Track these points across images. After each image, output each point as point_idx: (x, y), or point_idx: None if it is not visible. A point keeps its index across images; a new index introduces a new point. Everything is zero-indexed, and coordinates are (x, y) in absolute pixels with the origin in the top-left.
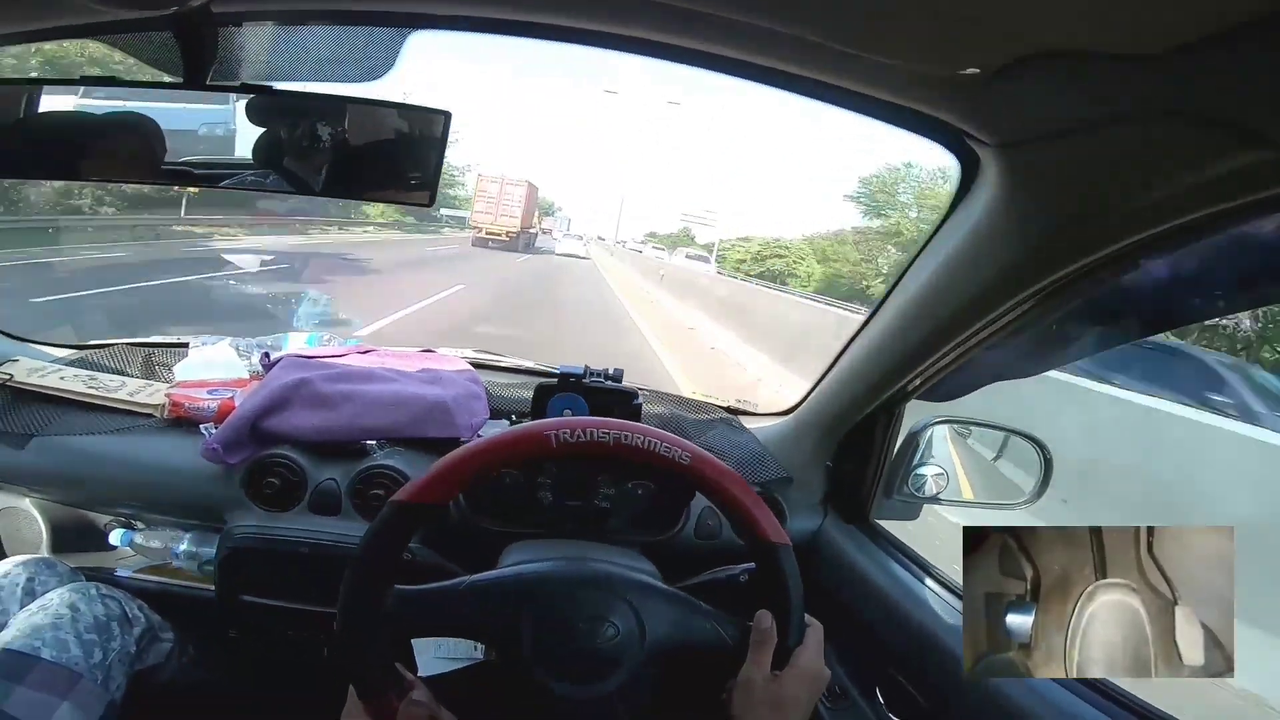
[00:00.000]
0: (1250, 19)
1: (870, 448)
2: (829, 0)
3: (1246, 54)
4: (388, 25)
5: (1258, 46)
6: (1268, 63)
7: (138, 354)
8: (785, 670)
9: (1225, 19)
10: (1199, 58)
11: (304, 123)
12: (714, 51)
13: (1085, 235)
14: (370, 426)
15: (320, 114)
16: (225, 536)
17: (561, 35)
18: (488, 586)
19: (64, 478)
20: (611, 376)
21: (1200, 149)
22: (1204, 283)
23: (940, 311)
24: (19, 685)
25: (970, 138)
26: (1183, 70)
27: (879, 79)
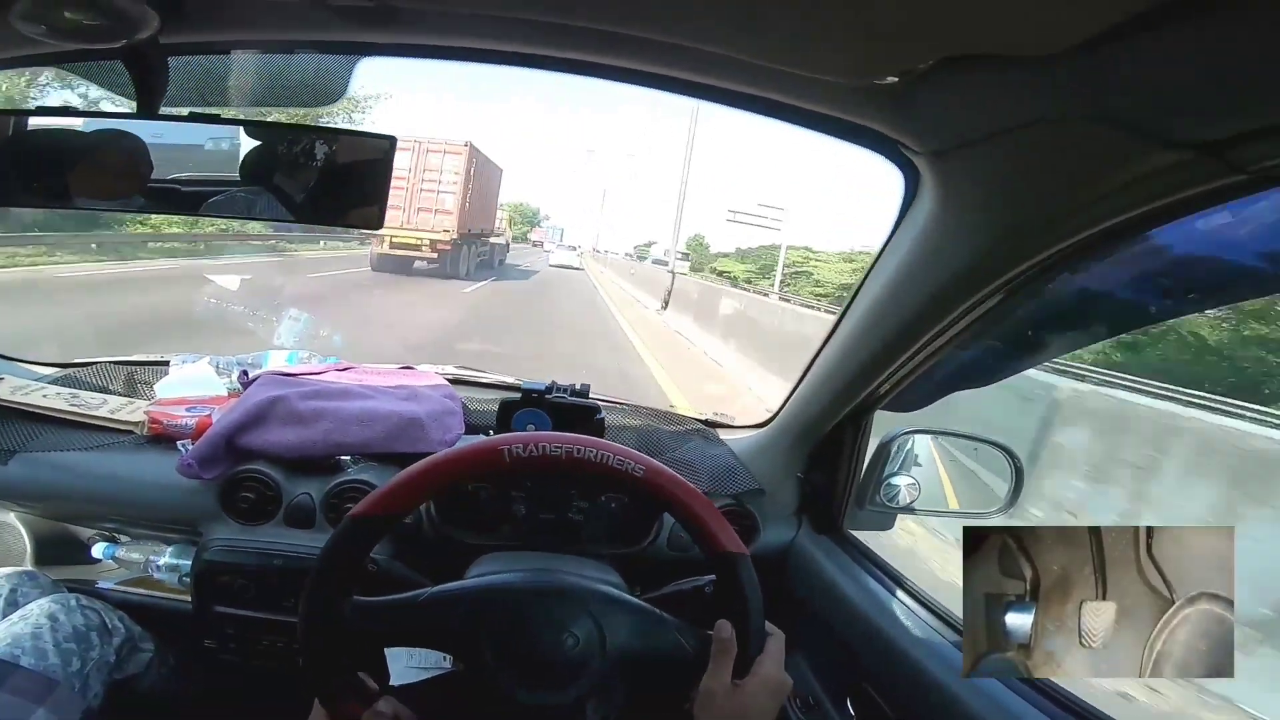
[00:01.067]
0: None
1: (840, 458)
2: (740, 20)
3: (1139, 53)
4: (327, 53)
5: (1149, 44)
6: (1158, 60)
7: (120, 372)
8: (746, 679)
9: (1116, 15)
10: (1099, 57)
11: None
12: (650, 70)
13: (1025, 237)
14: (344, 442)
15: (268, 140)
16: (201, 549)
17: (492, 58)
18: (447, 597)
19: (46, 492)
20: (578, 391)
21: (1115, 151)
22: (1151, 284)
23: (896, 319)
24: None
25: (904, 147)
26: (1087, 70)
27: (808, 93)
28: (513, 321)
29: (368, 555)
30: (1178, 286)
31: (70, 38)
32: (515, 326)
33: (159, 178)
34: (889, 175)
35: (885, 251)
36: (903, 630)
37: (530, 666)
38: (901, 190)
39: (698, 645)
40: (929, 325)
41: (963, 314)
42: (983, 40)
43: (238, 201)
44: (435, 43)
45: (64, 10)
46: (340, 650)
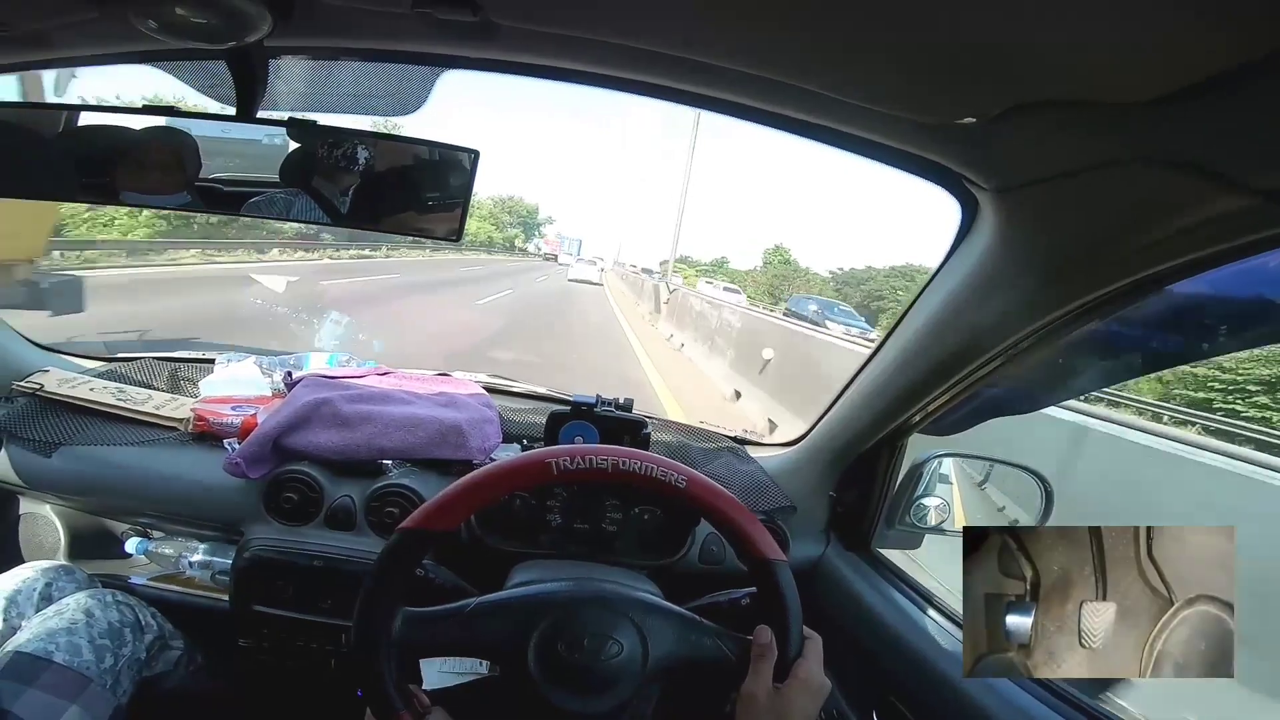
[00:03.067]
0: (1222, 72)
1: (873, 479)
2: (830, 58)
3: (1222, 105)
4: (420, 64)
5: (1232, 98)
6: (1240, 113)
7: (164, 368)
8: (786, 682)
9: (1200, 70)
10: (1179, 107)
11: (339, 153)
12: (730, 99)
13: (1080, 276)
14: (387, 447)
15: (355, 146)
16: (243, 547)
17: (582, 79)
18: (494, 608)
19: (88, 486)
20: (622, 406)
21: (1184, 195)
22: (1196, 324)
23: (942, 349)
24: (30, 687)
25: (969, 182)
26: (1165, 119)
27: (882, 127)
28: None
29: (418, 566)
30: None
31: (182, 35)
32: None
33: (231, 179)
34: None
35: (936, 280)
36: (930, 644)
37: (574, 674)
38: (958, 221)
39: (738, 650)
40: (978, 355)
41: (1013, 344)
42: (1067, 87)
43: (310, 206)
44: (522, 59)
45: (178, 7)
46: (391, 660)
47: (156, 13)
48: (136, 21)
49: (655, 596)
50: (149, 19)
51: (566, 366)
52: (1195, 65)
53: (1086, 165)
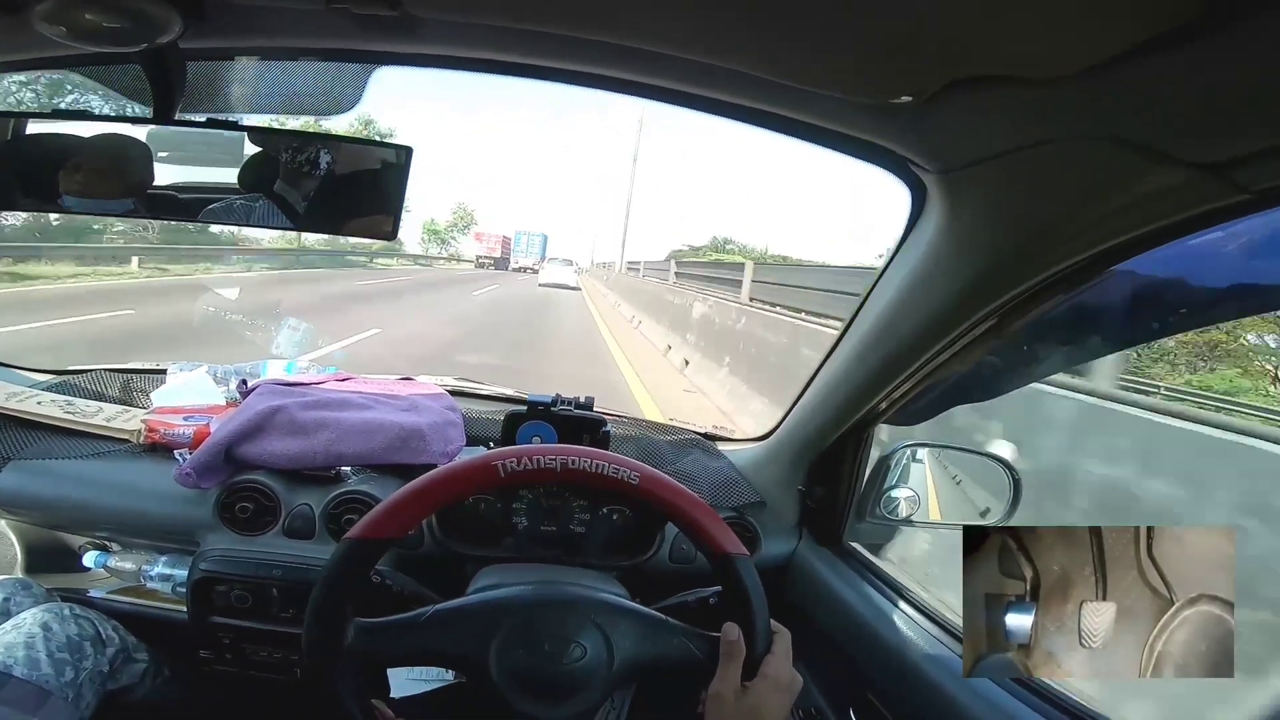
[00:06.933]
0: (1143, 43)
1: (841, 471)
2: (761, 37)
3: (1143, 77)
4: (346, 61)
5: (1154, 68)
6: (1162, 84)
7: (116, 380)
8: (755, 680)
9: (1121, 42)
10: (1105, 80)
11: (267, 155)
12: (665, 85)
13: (1029, 256)
14: (345, 453)
15: (286, 149)
16: (198, 559)
17: (513, 71)
18: (452, 614)
19: (40, 501)
20: (582, 404)
21: (1120, 170)
22: (1153, 302)
23: (900, 335)
24: None
25: (915, 165)
26: (1092, 93)
27: (821, 109)
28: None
29: (367, 577)
30: (1175, 304)
31: (91, 40)
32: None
33: (162, 183)
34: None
35: (890, 267)
36: (905, 639)
37: (538, 680)
38: (908, 207)
39: (705, 649)
40: (934, 341)
41: (967, 330)
42: (995, 63)
43: (239, 209)
44: (452, 53)
45: (86, 12)
46: (346, 672)
47: (64, 18)
48: (43, 28)
49: (618, 597)
50: (58, 24)
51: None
52: (1116, 37)
53: (1024, 143)
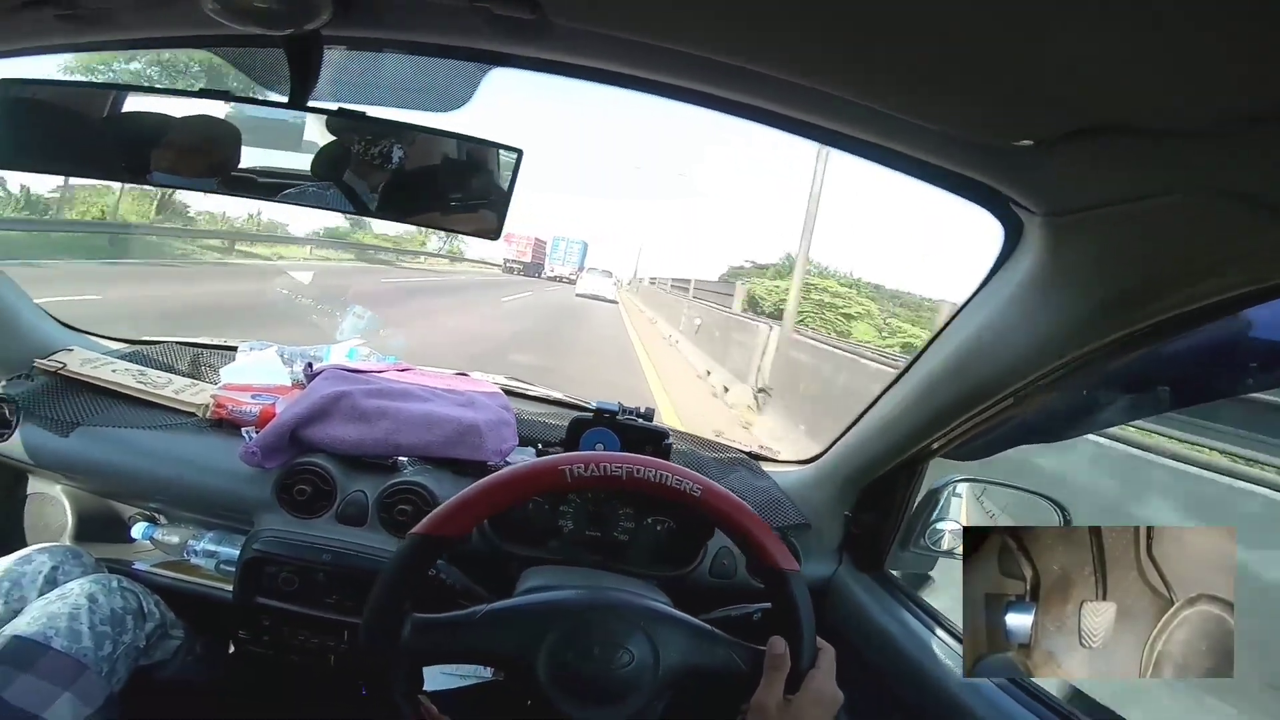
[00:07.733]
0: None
1: (891, 501)
2: (900, 78)
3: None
4: (470, 60)
5: None
6: None
7: (187, 353)
8: (798, 694)
9: (1265, 101)
10: (1242, 138)
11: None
12: (767, 108)
13: (1125, 306)
14: (403, 444)
15: (399, 139)
16: (252, 537)
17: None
18: (504, 614)
19: (103, 468)
20: (644, 415)
21: (1241, 228)
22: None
23: (974, 374)
24: (24, 673)
25: (1017, 205)
26: (1226, 149)
27: (936, 146)
28: None
29: (428, 571)
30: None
31: (246, 19)
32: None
33: (247, 165)
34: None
35: (971, 303)
36: (944, 668)
37: (584, 683)
38: (1000, 244)
39: (750, 661)
40: (1011, 382)
41: (1049, 373)
42: (1124, 112)
43: (331, 197)
44: (576, 61)
45: None
46: (400, 668)
47: None
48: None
49: (667, 606)
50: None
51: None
52: (1256, 95)
53: (1142, 194)
